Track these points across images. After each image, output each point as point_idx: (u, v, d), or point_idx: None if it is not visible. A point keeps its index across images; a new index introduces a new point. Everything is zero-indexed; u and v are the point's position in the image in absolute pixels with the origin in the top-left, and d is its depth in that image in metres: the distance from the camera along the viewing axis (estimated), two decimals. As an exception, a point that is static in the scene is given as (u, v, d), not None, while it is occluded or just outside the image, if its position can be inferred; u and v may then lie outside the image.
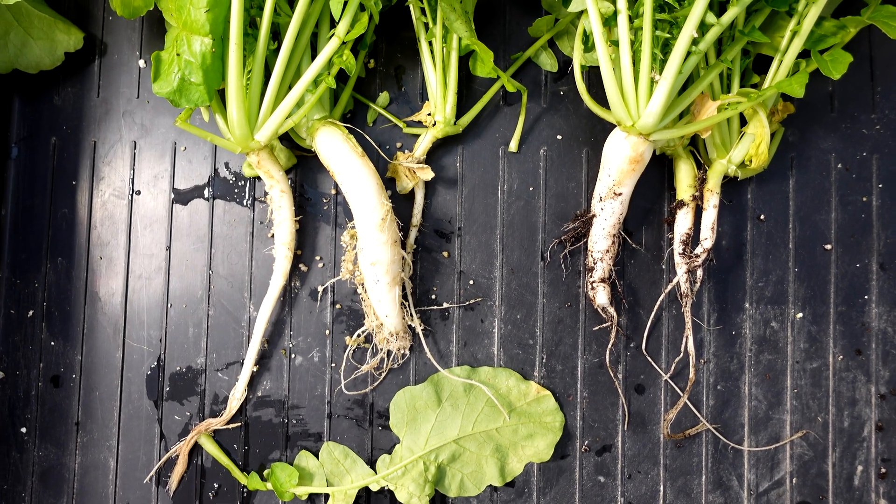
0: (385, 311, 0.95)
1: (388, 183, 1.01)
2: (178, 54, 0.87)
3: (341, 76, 1.00)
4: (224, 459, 0.98)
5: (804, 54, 0.94)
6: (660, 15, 0.86)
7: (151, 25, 1.04)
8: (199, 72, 0.87)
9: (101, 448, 1.00)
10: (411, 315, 0.98)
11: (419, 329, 0.98)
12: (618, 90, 0.89)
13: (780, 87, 0.89)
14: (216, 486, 0.99)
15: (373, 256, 0.92)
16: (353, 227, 0.95)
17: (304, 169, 1.02)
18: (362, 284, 0.96)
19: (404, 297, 0.98)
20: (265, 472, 0.99)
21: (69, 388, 1.01)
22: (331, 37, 0.89)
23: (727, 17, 0.85)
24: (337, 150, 0.93)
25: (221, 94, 0.92)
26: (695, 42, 0.86)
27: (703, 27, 0.85)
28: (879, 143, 1.01)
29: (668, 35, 0.86)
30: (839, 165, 1.01)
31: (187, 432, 0.99)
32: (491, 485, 0.97)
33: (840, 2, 0.96)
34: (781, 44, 0.92)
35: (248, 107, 0.90)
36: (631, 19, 0.87)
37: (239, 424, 0.99)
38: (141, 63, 1.04)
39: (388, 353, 0.99)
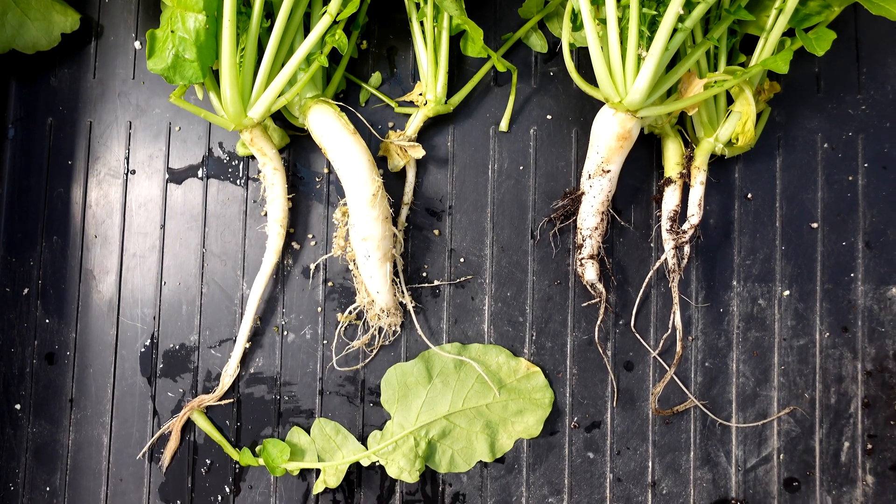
0: (376, 287, 0.96)
1: (380, 162, 1.02)
2: (172, 31, 0.89)
3: (334, 56, 1.01)
4: (216, 435, 0.99)
5: (789, 33, 0.95)
6: (646, -7, 0.87)
7: (147, 7, 1.06)
8: (193, 48, 0.88)
9: (94, 425, 1.01)
10: (402, 292, 0.99)
11: (410, 306, 0.99)
12: (605, 67, 0.90)
13: (766, 65, 0.90)
14: (208, 462, 1.00)
15: (364, 232, 0.93)
16: (345, 204, 0.96)
17: (297, 148, 1.03)
18: (353, 261, 0.97)
19: (395, 273, 0.99)
20: (257, 448, 1.00)
21: (63, 365, 1.01)
22: (323, 14, 0.90)
23: (713, -5, 0.87)
24: (329, 127, 0.94)
25: (215, 73, 0.93)
26: (681, 19, 0.87)
27: (689, 4, 0.87)
28: (865, 123, 1.03)
29: (655, 12, 0.88)
30: (825, 145, 1.03)
31: (180, 409, 1.00)
32: (481, 461, 0.98)
33: (825, -16, 0.98)
34: (767, 23, 0.94)
35: (241, 84, 0.92)
36: (618, -3, 0.88)
37: (231, 401, 1.00)
38: (136, 44, 1.05)
39: (380, 329, 1.00)
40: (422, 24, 0.98)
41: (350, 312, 1.00)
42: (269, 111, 0.94)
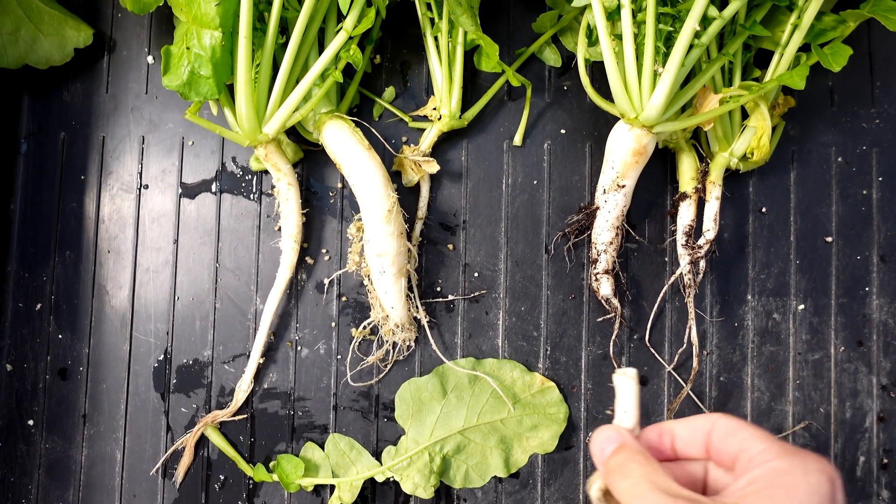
0: (391, 302, 0.96)
1: (394, 177, 1.02)
2: (187, 48, 0.89)
3: (348, 71, 1.01)
4: (230, 451, 0.99)
5: (805, 48, 0.95)
6: (662, 9, 0.87)
7: (160, 22, 1.05)
8: (209, 65, 0.88)
9: (107, 440, 1.00)
10: (416, 307, 0.98)
11: (424, 321, 0.98)
12: (621, 83, 0.90)
13: (782, 80, 0.90)
14: (222, 477, 1.00)
15: (379, 248, 0.93)
16: (360, 220, 0.96)
17: (311, 163, 1.03)
18: (368, 276, 0.97)
19: (410, 289, 0.98)
20: (271, 464, 0.99)
21: (76, 380, 1.01)
22: (338, 31, 0.90)
23: (729, 11, 0.87)
24: (344, 142, 0.94)
25: (230, 89, 0.93)
26: (697, 35, 0.87)
27: (705, 20, 0.87)
28: (879, 136, 1.03)
29: (671, 28, 0.88)
30: (839, 159, 1.03)
31: (193, 424, 1.00)
32: (496, 476, 0.97)
33: (839, -3, 0.98)
34: (782, 38, 0.94)
35: (256, 100, 0.92)
36: (634, 13, 0.88)
37: (245, 416, 1.00)
38: (149, 59, 1.05)
39: (394, 344, 1.00)
40: (436, 39, 0.98)
41: (364, 328, 0.99)
42: (284, 127, 0.94)
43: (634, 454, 0.64)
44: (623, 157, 0.93)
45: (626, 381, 0.79)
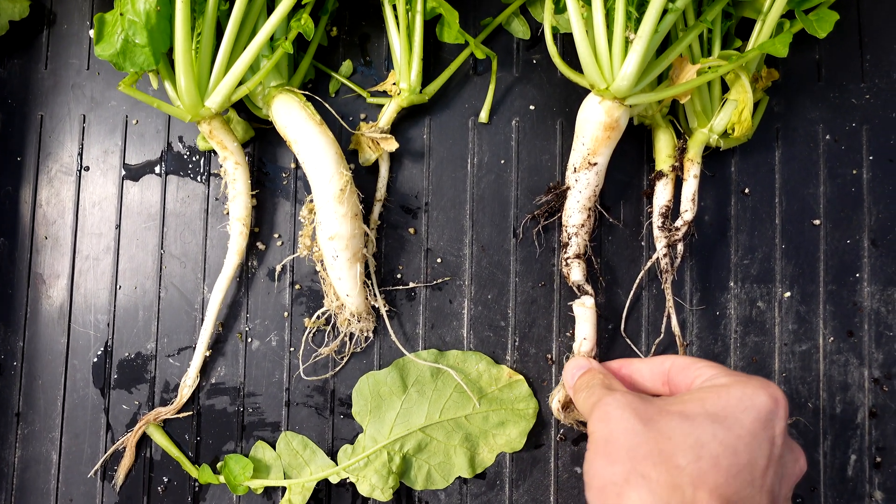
0: (346, 289, 0.89)
1: (352, 156, 0.95)
2: (121, 14, 0.82)
3: (302, 44, 0.94)
4: (174, 451, 0.91)
5: (789, 15, 0.89)
6: (634, -30, 0.81)
7: (103, -6, 0.99)
8: (144, 32, 0.81)
9: (43, 440, 0.93)
10: (374, 295, 0.92)
11: (383, 310, 0.92)
12: (591, 51, 0.84)
13: (763, 48, 0.84)
14: (166, 479, 0.92)
15: (331, 230, 0.86)
16: (312, 201, 0.90)
17: (263, 143, 0.96)
18: (321, 262, 0.90)
19: (367, 275, 0.92)
20: (218, 465, 0.92)
21: (10, 376, 0.94)
22: (285, -5, 0.84)
23: (705, -27, 0.80)
24: (293, 117, 0.88)
25: (171, 60, 0.86)
26: (671, -1, 0.81)
27: (680, -17, 0.80)
28: (869, 113, 0.96)
29: (643, -8, 0.81)
30: (827, 136, 0.96)
31: (135, 423, 0.93)
32: (460, 476, 0.90)
33: (826, -36, 0.91)
34: (764, 4, 0.87)
35: (197, 71, 0.85)
36: (604, -24, 0.82)
37: (191, 413, 0.93)
38: (91, 33, 0.98)
39: (350, 335, 0.93)
40: (394, 7, 0.91)
41: (318, 317, 0.92)
42: (229, 100, 0.87)
43: (597, 373, 0.78)
44: (594, 131, 0.86)
45: (583, 311, 0.89)
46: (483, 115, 0.95)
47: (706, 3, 0.88)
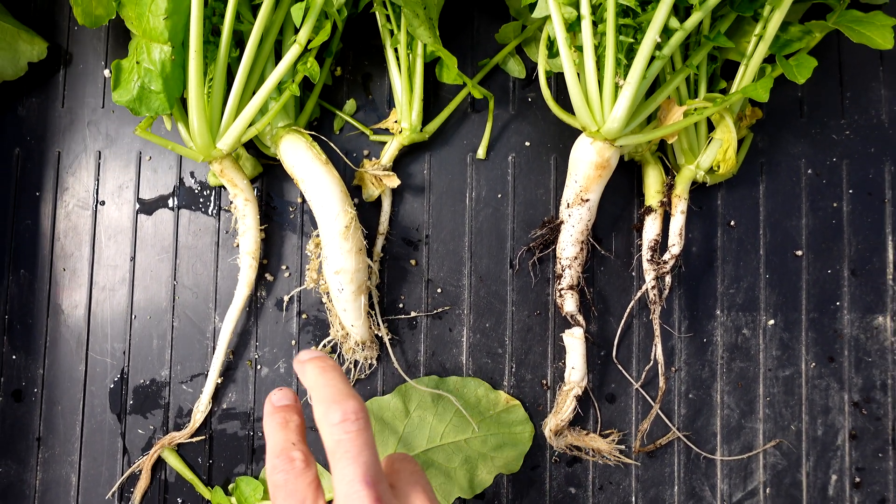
0: (350, 320, 0.93)
1: (355, 191, 1.00)
2: (137, 62, 0.86)
3: (307, 84, 0.99)
4: (188, 474, 0.96)
5: (770, 60, 0.94)
6: (623, 20, 0.85)
7: (117, 35, 1.03)
8: (159, 80, 0.86)
9: (62, 464, 0.98)
10: (378, 324, 0.96)
11: (386, 339, 0.96)
12: (582, 95, 0.88)
13: (746, 92, 0.88)
14: (180, 501, 0.97)
15: (337, 265, 0.91)
16: (318, 236, 0.94)
17: (271, 177, 1.01)
18: (327, 293, 0.95)
19: (371, 306, 0.96)
20: (230, 487, 0.97)
21: (31, 402, 0.99)
22: (293, 43, 0.88)
23: (691, 22, 0.85)
24: (300, 157, 0.92)
25: (184, 103, 0.91)
26: (659, 47, 0.85)
27: (667, 31, 0.85)
28: (849, 148, 1.01)
29: (632, 40, 0.86)
30: (809, 171, 1.01)
31: (151, 446, 0.98)
32: (460, 497, 0.95)
33: (807, 7, 0.96)
34: (747, 49, 0.92)
35: (209, 115, 0.89)
36: (594, 24, 0.86)
37: (203, 438, 0.97)
38: (106, 72, 1.03)
39: (355, 363, 0.97)
40: (396, 51, 0.96)
41: (324, 346, 0.97)
42: (239, 142, 0.91)
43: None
44: (586, 170, 0.91)
45: (573, 341, 0.91)
46: (481, 152, 1.00)
47: (692, 48, 0.92)
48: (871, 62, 1.02)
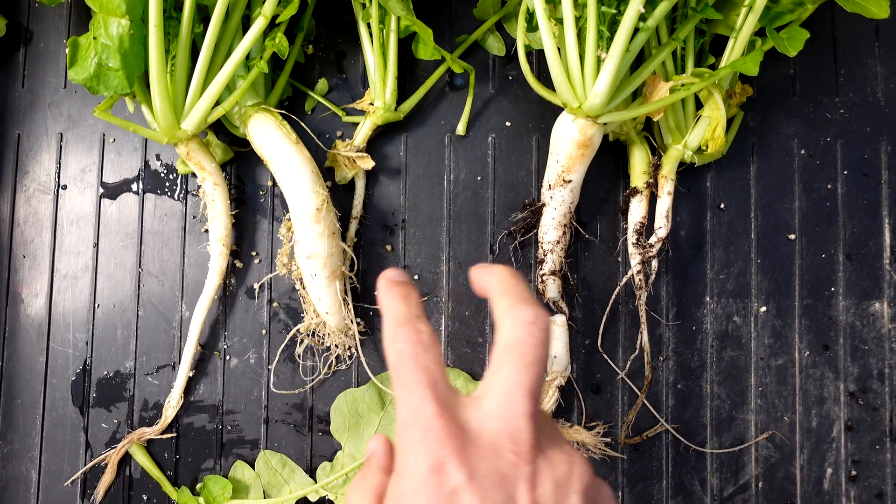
0: (325, 307, 0.89)
1: (328, 174, 0.95)
2: (94, 38, 0.82)
3: (279, 62, 0.95)
4: (155, 472, 0.92)
5: (761, 33, 0.89)
6: (605, -10, 0.81)
7: (79, 13, 0.99)
8: (117, 56, 0.81)
9: (22, 459, 0.93)
10: (350, 315, 0.92)
11: (355, 329, 0.91)
12: (563, 70, 0.84)
13: (735, 67, 0.84)
14: (145, 497, 0.93)
15: (309, 249, 0.87)
16: (290, 220, 0.90)
17: (241, 161, 0.97)
18: (300, 280, 0.91)
19: (346, 292, 0.92)
20: (198, 486, 0.92)
21: (-11, 395, 0.94)
22: (258, 16, 0.84)
23: (676, -8, 0.81)
24: (270, 136, 0.88)
25: (147, 83, 0.86)
26: (643, 18, 0.81)
27: (651, 2, 0.81)
28: (844, 127, 0.97)
29: (615, 11, 0.81)
30: (802, 151, 0.97)
31: (115, 441, 0.93)
32: (438, 493, 0.91)
33: (800, -20, 0.92)
34: (737, 22, 0.88)
35: (172, 93, 0.85)
36: (575, -5, 0.82)
37: (174, 435, 0.93)
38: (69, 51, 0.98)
39: (337, 356, 0.93)
40: (369, 26, 0.91)
41: (302, 337, 0.93)
42: (205, 122, 0.87)
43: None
44: (568, 149, 0.87)
45: (555, 329, 0.88)
46: (460, 128, 0.96)
47: (679, 21, 0.88)
48: (867, 37, 0.98)
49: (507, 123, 0.97)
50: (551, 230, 0.90)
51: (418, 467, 0.50)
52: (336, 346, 0.92)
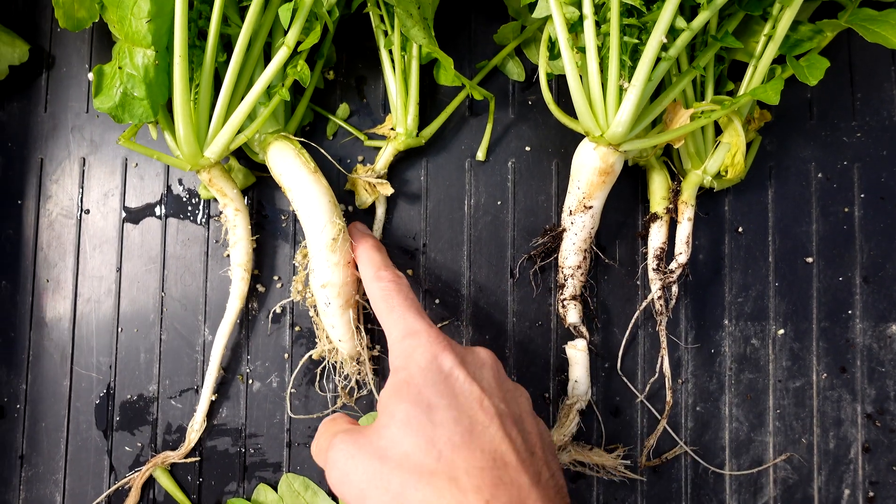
0: (338, 335, 0.90)
1: (349, 197, 0.96)
2: (120, 67, 0.83)
3: (299, 88, 0.95)
4: (179, 495, 0.93)
5: (780, 60, 0.90)
6: (627, 20, 0.81)
7: (101, 37, 1.00)
8: (142, 85, 0.82)
9: (46, 482, 0.94)
10: (362, 343, 0.92)
11: (366, 356, 0.91)
12: (585, 99, 0.85)
13: (755, 95, 0.85)
14: (169, 521, 0.94)
15: (323, 278, 0.87)
16: (306, 246, 0.90)
17: (263, 186, 0.97)
18: (314, 307, 0.91)
19: (359, 319, 0.92)
20: (221, 507, 0.93)
21: (13, 419, 0.95)
22: (281, 46, 0.85)
23: (698, 22, 0.81)
24: (288, 165, 0.88)
25: (170, 110, 0.87)
26: (664, 48, 0.81)
27: (673, 32, 0.81)
28: (860, 151, 0.97)
29: (637, 41, 0.82)
30: (819, 175, 0.97)
31: (138, 464, 0.94)
32: (460, 516, 0.91)
33: (817, 6, 0.92)
34: (756, 49, 0.88)
35: (196, 122, 0.86)
36: (597, 24, 0.83)
37: (197, 459, 0.94)
38: (90, 76, 0.98)
39: (347, 377, 0.94)
40: (391, 53, 0.92)
41: (320, 363, 0.93)
42: (228, 150, 0.88)
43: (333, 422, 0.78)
44: (589, 176, 0.87)
45: (576, 353, 0.90)
46: (480, 154, 0.96)
47: (699, 49, 0.88)
48: (883, 62, 0.98)
49: (527, 148, 0.97)
50: (572, 255, 0.91)
51: (422, 358, 0.69)
52: (348, 374, 0.92)
